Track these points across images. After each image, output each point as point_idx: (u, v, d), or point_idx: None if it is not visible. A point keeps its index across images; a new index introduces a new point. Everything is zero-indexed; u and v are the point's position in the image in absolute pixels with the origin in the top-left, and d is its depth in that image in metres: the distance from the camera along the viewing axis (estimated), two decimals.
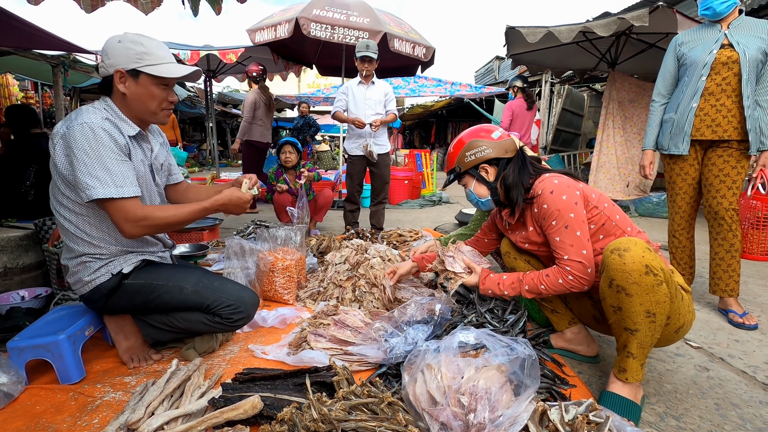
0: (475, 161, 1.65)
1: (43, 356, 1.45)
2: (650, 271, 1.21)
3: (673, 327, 1.36)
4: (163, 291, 1.58)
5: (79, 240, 1.49)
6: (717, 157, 2.23)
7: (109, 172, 1.37)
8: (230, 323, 1.65)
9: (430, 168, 7.58)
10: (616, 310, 1.30)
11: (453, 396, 1.11)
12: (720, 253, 2.26)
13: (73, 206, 1.46)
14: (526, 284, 1.56)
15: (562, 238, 1.45)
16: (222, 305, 1.62)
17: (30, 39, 3.66)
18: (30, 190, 2.71)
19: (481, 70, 16.71)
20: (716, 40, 2.18)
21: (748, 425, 1.36)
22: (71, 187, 1.42)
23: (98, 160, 1.36)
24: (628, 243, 1.25)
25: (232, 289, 1.67)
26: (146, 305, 1.60)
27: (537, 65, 6.14)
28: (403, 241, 3.54)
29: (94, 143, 1.36)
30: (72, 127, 1.36)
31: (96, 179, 1.35)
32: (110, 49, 1.44)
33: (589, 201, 1.48)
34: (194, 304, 1.60)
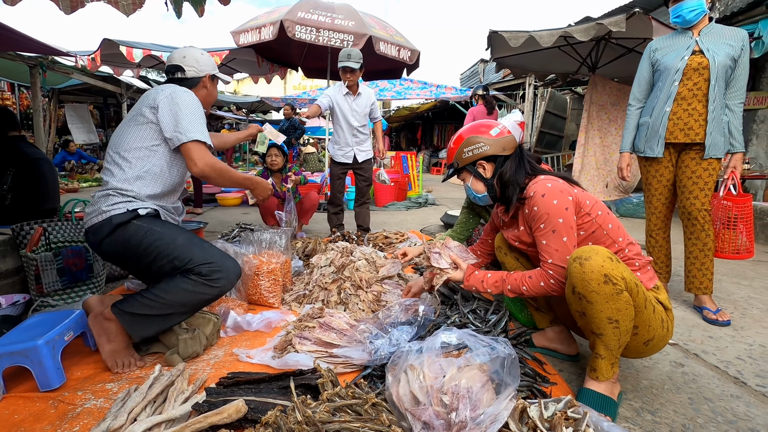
0: (473, 158, 1.66)
1: (21, 363, 1.42)
2: (609, 280, 1.25)
3: (642, 338, 1.38)
4: (158, 237, 1.64)
5: (123, 176, 1.70)
6: (690, 160, 2.31)
7: (203, 125, 1.77)
8: (209, 281, 1.63)
9: (416, 170, 7.62)
10: (581, 315, 1.35)
11: (435, 395, 1.13)
12: (694, 252, 2.34)
13: (147, 152, 1.73)
14: (508, 284, 1.58)
15: (548, 242, 1.46)
16: (204, 262, 1.63)
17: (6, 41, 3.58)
18: (7, 194, 2.65)
19: (467, 73, 16.86)
20: (687, 47, 2.26)
21: (719, 418, 1.41)
22: (159, 132, 1.73)
23: (197, 116, 1.75)
24: (590, 252, 1.29)
25: (217, 253, 1.71)
26: (137, 250, 1.63)
27: (520, 68, 6.25)
28: (389, 243, 3.56)
29: (195, 105, 1.77)
30: (178, 91, 1.75)
31: (196, 127, 1.72)
32: (199, 57, 1.95)
33: (582, 207, 1.48)
34: (179, 257, 1.62)
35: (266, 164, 3.91)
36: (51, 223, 2.37)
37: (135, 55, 5.02)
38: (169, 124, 1.70)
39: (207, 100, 2.02)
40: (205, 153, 1.73)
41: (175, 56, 1.94)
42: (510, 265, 1.80)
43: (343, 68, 3.56)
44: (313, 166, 12.35)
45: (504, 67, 5.95)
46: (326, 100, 3.68)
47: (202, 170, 1.72)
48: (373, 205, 6.46)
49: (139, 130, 1.74)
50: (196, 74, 1.94)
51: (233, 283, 1.71)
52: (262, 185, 2.03)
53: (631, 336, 1.35)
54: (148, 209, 1.71)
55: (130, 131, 1.75)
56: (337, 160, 3.84)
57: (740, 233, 2.35)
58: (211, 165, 1.73)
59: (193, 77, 1.94)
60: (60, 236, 2.38)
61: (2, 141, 2.75)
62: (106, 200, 1.67)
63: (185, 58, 1.92)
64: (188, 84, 1.91)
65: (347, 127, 3.75)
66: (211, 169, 1.74)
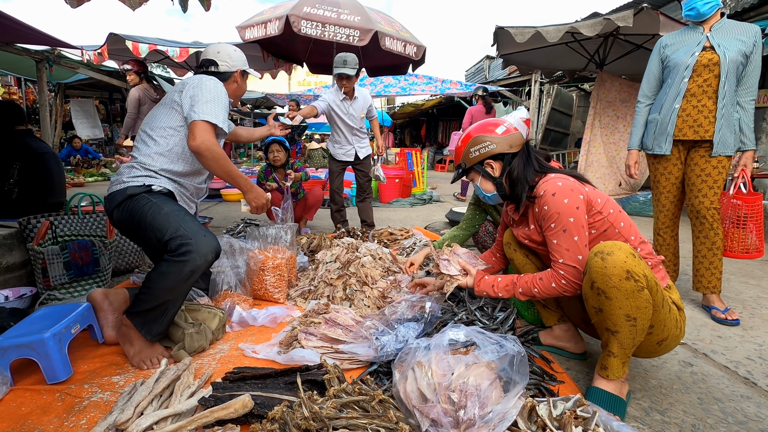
0: (480, 157, 1.65)
1: (28, 355, 1.43)
2: (631, 276, 1.22)
3: (656, 338, 1.36)
4: (155, 210, 1.67)
5: (148, 152, 1.78)
6: (699, 157, 2.28)
7: (220, 111, 1.80)
8: (177, 257, 1.56)
9: (420, 167, 7.60)
10: (597, 311, 1.32)
11: (443, 393, 1.13)
12: (702, 251, 2.31)
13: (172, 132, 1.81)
14: (519, 287, 1.57)
15: (559, 242, 1.44)
16: (173, 236, 1.58)
17: (12, 34, 3.59)
18: (14, 188, 2.65)
19: (472, 69, 16.78)
20: (698, 43, 2.22)
21: (729, 419, 1.40)
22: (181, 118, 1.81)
23: (217, 102, 1.80)
24: (612, 247, 1.26)
25: (191, 227, 1.63)
26: (139, 222, 1.67)
27: (527, 65, 6.19)
28: (394, 239, 3.55)
29: (217, 91, 1.83)
30: (205, 79, 1.83)
31: (210, 110, 1.75)
32: (232, 53, 2.03)
33: (593, 206, 1.46)
34: (159, 229, 1.61)
35: (269, 160, 3.91)
36: (57, 216, 2.37)
37: (141, 50, 5.01)
38: (186, 104, 1.78)
39: (236, 93, 2.11)
40: (208, 133, 1.73)
41: (209, 51, 2.02)
42: (519, 262, 1.79)
43: (338, 75, 3.51)
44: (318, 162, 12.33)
45: (510, 63, 5.90)
46: (323, 105, 3.65)
47: (198, 147, 1.70)
48: (378, 202, 6.45)
49: (167, 113, 1.84)
50: (228, 69, 2.02)
51: (207, 258, 1.60)
52: (257, 191, 1.99)
53: (646, 335, 1.33)
54: (162, 187, 1.76)
55: (160, 112, 1.86)
56: (337, 159, 3.86)
57: (750, 232, 2.32)
58: (208, 145, 1.71)
59: (226, 71, 2.02)
60: (66, 230, 2.38)
61: (9, 135, 2.75)
62: (129, 171, 1.76)
63: (219, 54, 2.01)
64: (221, 78, 1.99)
65: (346, 129, 3.79)
66: (207, 149, 1.71)
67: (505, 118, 1.70)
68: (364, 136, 3.89)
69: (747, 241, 2.35)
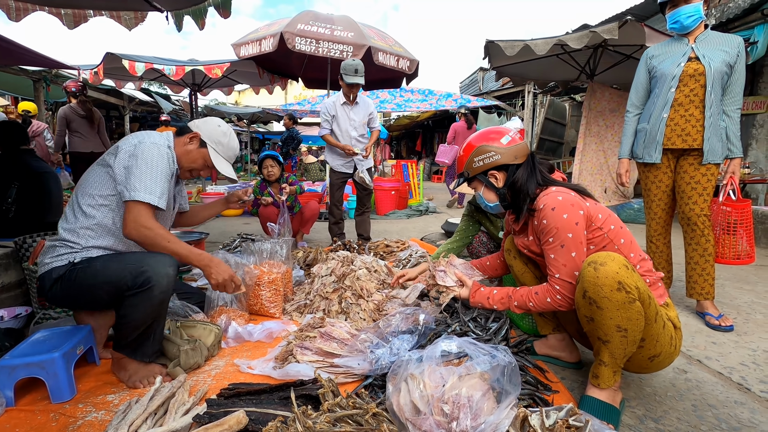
0: (484, 167, 1.63)
1: (36, 374, 1.44)
2: (622, 287, 1.23)
3: (647, 353, 1.36)
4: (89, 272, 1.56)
5: (72, 226, 1.64)
6: (688, 165, 2.32)
7: (157, 185, 1.64)
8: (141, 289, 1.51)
9: (416, 178, 7.64)
10: (589, 320, 1.33)
11: (436, 405, 1.13)
12: (695, 257, 2.33)
13: (103, 201, 1.65)
14: (515, 300, 1.58)
15: (557, 257, 1.45)
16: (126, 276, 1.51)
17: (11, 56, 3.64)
18: (11, 207, 2.67)
19: (466, 81, 16.96)
20: (684, 54, 2.28)
21: (723, 425, 1.40)
22: (113, 186, 1.65)
23: (154, 174, 1.63)
24: (605, 258, 1.27)
25: (136, 257, 1.58)
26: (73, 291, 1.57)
27: (520, 77, 6.29)
28: (390, 251, 3.56)
29: (157, 161, 1.65)
30: (145, 143, 1.66)
31: (145, 186, 1.60)
32: (209, 124, 1.92)
33: (593, 221, 1.45)
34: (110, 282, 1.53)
35: (263, 176, 3.93)
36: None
37: (137, 69, 5.08)
38: (120, 175, 1.62)
39: (187, 158, 1.86)
40: (143, 216, 1.59)
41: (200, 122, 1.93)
42: (518, 270, 1.80)
43: (350, 84, 3.58)
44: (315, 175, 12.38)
45: (503, 75, 5.99)
46: (327, 125, 3.76)
47: (129, 233, 1.59)
48: (374, 214, 6.47)
49: (100, 177, 1.67)
50: (195, 128, 1.89)
51: (168, 273, 1.55)
52: (216, 267, 1.75)
53: (637, 349, 1.34)
54: (84, 257, 1.61)
55: (93, 175, 1.69)
56: (337, 170, 3.86)
57: (740, 238, 2.34)
58: (143, 232, 1.58)
59: (190, 130, 1.88)
60: None
61: (12, 155, 2.79)
62: (52, 251, 1.62)
63: (205, 120, 1.94)
64: (180, 131, 1.89)
65: (347, 138, 3.79)
66: (142, 237, 1.58)
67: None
68: (364, 148, 3.88)
69: (738, 247, 2.38)
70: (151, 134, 1.73)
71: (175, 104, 12.46)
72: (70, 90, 5.39)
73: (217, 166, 1.89)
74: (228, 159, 1.95)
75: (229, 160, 1.96)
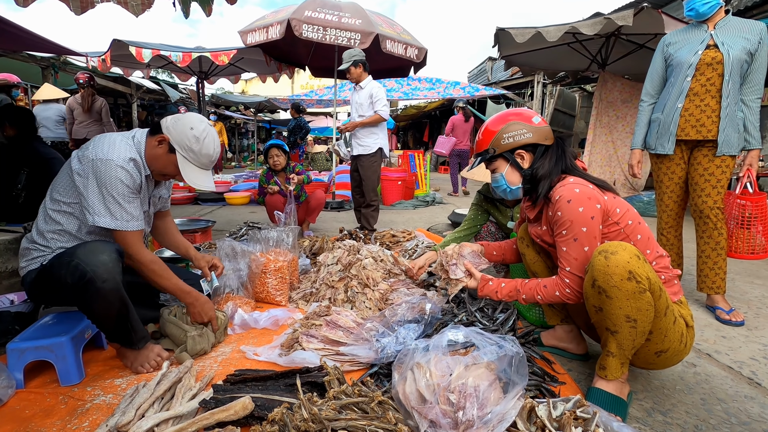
0: (513, 144, 1.55)
1: (45, 357, 1.46)
2: (633, 277, 1.21)
3: (654, 347, 1.33)
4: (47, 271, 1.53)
5: (41, 228, 1.60)
6: (702, 157, 2.26)
7: (120, 207, 1.55)
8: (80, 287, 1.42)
9: (423, 169, 7.60)
10: (597, 310, 1.31)
11: (442, 394, 1.12)
12: (706, 251, 2.30)
13: (67, 208, 1.58)
14: (523, 294, 1.55)
15: (569, 250, 1.42)
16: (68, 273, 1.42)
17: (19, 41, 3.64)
18: (21, 192, 2.70)
19: (474, 71, 16.77)
20: (702, 41, 2.21)
21: (732, 419, 1.38)
22: (77, 198, 1.56)
23: (114, 195, 1.53)
24: (617, 247, 1.25)
25: (71, 251, 1.48)
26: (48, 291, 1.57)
27: (529, 66, 6.19)
28: (396, 241, 3.55)
29: (116, 181, 1.52)
30: (101, 159, 1.51)
31: (107, 210, 1.53)
32: (180, 126, 1.65)
33: (610, 216, 1.41)
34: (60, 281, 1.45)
35: (269, 165, 3.93)
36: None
37: (144, 56, 5.07)
38: (82, 191, 1.52)
39: (154, 163, 1.68)
40: (125, 241, 1.56)
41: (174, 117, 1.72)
42: (530, 258, 1.78)
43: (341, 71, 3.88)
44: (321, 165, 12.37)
45: (513, 65, 5.91)
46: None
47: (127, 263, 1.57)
48: (380, 204, 6.46)
49: (66, 180, 1.59)
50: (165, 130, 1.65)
51: (102, 261, 1.43)
52: (203, 306, 1.74)
53: (644, 342, 1.32)
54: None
55: (62, 176, 1.62)
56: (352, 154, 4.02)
57: (757, 232, 2.29)
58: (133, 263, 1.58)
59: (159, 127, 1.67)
60: None
61: (21, 140, 2.80)
62: (27, 254, 1.61)
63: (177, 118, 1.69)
64: (153, 130, 1.68)
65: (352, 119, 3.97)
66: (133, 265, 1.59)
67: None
68: (366, 133, 3.87)
69: (753, 241, 2.33)
70: (111, 144, 1.56)
71: (182, 92, 12.47)
72: (78, 81, 5.71)
73: (186, 178, 1.65)
74: (202, 167, 1.71)
75: (204, 168, 1.72)
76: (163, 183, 1.89)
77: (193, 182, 1.67)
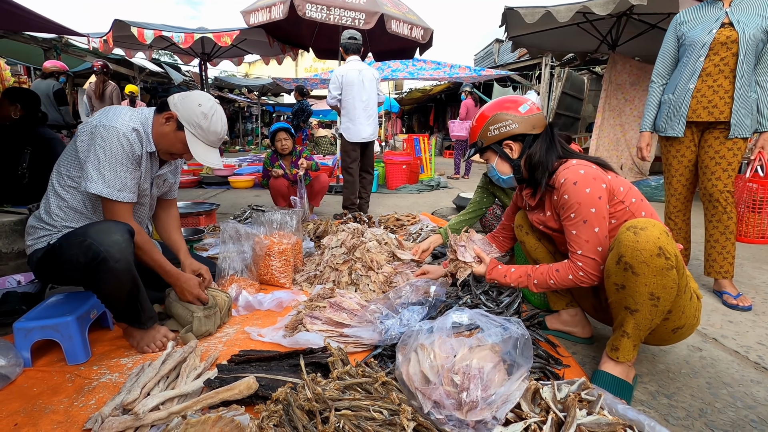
0: (499, 136, 1.56)
1: (51, 337, 1.47)
2: (663, 253, 1.18)
3: (672, 324, 1.33)
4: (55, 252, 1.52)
5: (47, 206, 1.59)
6: (713, 139, 2.21)
7: (115, 175, 1.53)
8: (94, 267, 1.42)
9: (428, 153, 7.54)
10: (619, 288, 1.28)
11: (446, 375, 1.12)
12: (715, 235, 2.26)
13: (71, 182, 1.58)
14: (534, 279, 1.53)
15: (579, 233, 1.40)
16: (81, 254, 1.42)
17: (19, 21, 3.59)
18: (25, 172, 2.70)
19: (481, 54, 16.49)
20: (717, 19, 2.14)
21: (738, 403, 1.38)
22: (79, 169, 1.55)
23: (111, 161, 1.52)
24: (646, 223, 1.23)
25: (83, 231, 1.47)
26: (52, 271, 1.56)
27: (537, 48, 6.07)
28: (401, 225, 3.54)
29: (115, 146, 1.52)
30: (103, 125, 1.52)
31: (100, 176, 1.51)
32: (188, 103, 1.65)
33: (615, 195, 1.41)
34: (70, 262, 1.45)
35: (276, 148, 3.90)
36: None
37: (146, 36, 5.00)
38: (82, 158, 1.52)
39: (162, 141, 1.67)
40: (113, 211, 1.54)
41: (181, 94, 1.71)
42: (530, 245, 1.76)
43: None
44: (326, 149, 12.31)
45: (520, 46, 5.78)
46: None
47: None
48: (385, 188, 6.43)
49: (70, 153, 1.58)
50: (173, 107, 1.65)
51: (115, 241, 1.43)
52: (187, 283, 1.72)
53: (662, 320, 1.30)
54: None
55: (67, 150, 1.60)
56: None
57: (766, 216, 2.26)
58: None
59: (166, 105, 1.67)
60: None
61: (26, 121, 2.80)
62: (33, 233, 1.60)
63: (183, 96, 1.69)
64: (160, 109, 1.67)
65: None
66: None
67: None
68: None
69: (763, 226, 2.30)
70: (116, 113, 1.57)
71: (185, 75, 12.35)
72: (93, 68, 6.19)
73: (195, 154, 1.66)
74: (210, 144, 1.71)
75: (212, 145, 1.72)
76: (169, 164, 1.86)
77: (202, 159, 1.67)
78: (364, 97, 3.88)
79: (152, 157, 1.72)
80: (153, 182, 1.79)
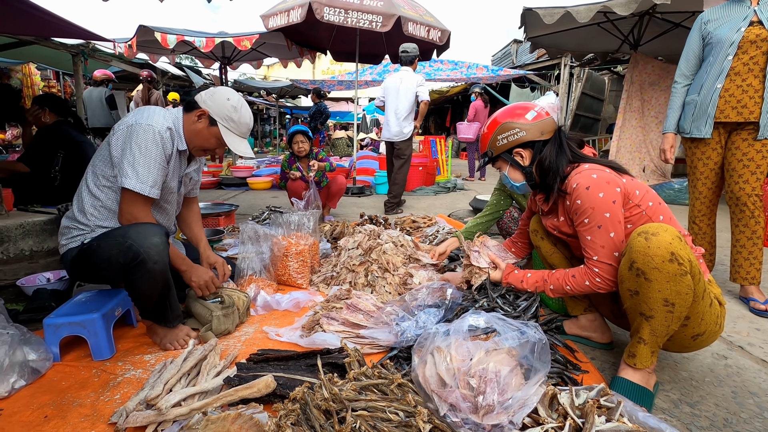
0: (508, 145, 1.56)
1: (78, 333, 1.53)
2: (675, 258, 1.16)
3: (691, 331, 1.30)
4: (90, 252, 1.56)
5: (81, 206, 1.64)
6: (741, 141, 2.15)
7: (148, 170, 1.58)
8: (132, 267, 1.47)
9: (444, 155, 7.51)
10: (633, 294, 1.26)
11: (462, 378, 1.12)
12: (741, 240, 2.20)
13: (106, 182, 1.63)
14: (551, 284, 1.52)
15: (594, 238, 1.38)
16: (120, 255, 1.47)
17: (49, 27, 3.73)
18: (57, 174, 2.82)
19: (498, 54, 16.34)
20: (745, 17, 2.08)
21: (765, 413, 1.33)
22: (112, 168, 1.61)
23: (146, 158, 1.57)
24: (658, 228, 1.20)
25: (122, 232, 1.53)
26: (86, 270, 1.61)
27: (556, 48, 5.98)
28: (417, 227, 3.54)
29: (150, 144, 1.57)
30: (140, 124, 1.58)
31: (134, 172, 1.55)
32: (217, 99, 1.73)
33: (631, 198, 1.38)
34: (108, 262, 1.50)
35: (293, 151, 3.94)
36: None
37: (169, 41, 5.13)
38: (116, 157, 1.57)
39: (195, 138, 1.74)
40: (134, 208, 1.58)
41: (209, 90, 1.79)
42: (546, 250, 1.74)
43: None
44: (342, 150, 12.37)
45: (539, 46, 5.71)
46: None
47: (121, 222, 1.60)
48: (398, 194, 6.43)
49: (104, 154, 1.63)
50: (203, 104, 1.73)
51: (154, 243, 1.49)
52: (197, 271, 1.76)
53: (680, 327, 1.28)
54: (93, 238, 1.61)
55: (101, 151, 1.65)
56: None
57: None
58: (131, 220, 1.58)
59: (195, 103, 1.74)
60: None
61: (56, 125, 2.91)
62: (68, 233, 1.65)
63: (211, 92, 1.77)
64: (188, 108, 1.75)
65: None
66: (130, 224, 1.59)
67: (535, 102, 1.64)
68: None
69: None
70: (151, 113, 1.63)
71: (206, 78, 12.60)
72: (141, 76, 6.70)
73: (231, 147, 1.74)
74: (242, 135, 1.79)
75: (243, 136, 1.80)
76: (195, 162, 1.93)
77: (237, 149, 1.75)
78: (395, 104, 4.46)
79: (181, 156, 1.78)
80: (181, 180, 1.85)
